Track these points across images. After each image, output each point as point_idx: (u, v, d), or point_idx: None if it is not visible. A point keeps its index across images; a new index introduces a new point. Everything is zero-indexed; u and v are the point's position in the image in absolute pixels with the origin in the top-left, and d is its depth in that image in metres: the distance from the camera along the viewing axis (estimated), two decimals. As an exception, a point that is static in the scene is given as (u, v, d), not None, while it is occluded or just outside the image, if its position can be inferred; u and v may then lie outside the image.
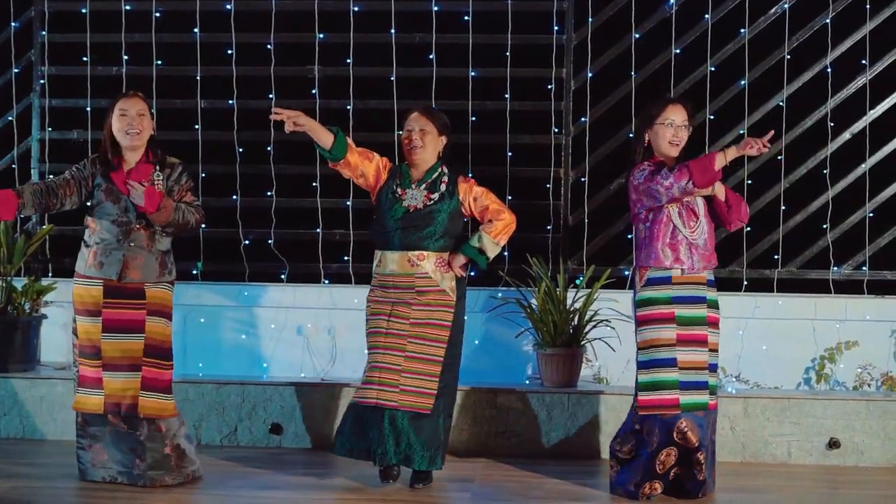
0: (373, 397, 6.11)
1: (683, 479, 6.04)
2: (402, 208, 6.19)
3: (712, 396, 6.02)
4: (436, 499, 6.04)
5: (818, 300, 7.63)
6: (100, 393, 6.11)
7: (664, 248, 6.01)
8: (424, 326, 6.17)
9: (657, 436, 5.98)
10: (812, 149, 7.76)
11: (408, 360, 6.14)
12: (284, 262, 7.93)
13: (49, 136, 8.16)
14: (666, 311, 6.00)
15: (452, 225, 6.23)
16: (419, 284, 6.18)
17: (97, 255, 6.12)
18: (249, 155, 8.05)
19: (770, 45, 7.77)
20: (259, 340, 7.85)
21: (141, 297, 6.12)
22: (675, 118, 6.03)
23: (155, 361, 6.13)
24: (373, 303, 6.26)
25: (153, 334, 6.13)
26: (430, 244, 6.18)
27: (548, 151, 7.84)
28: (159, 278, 6.16)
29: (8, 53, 8.20)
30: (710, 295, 6.06)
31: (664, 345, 5.98)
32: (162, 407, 6.14)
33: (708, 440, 6.02)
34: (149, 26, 8.06)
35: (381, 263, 6.25)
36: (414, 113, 6.30)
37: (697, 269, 6.01)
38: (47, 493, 6.02)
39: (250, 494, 6.06)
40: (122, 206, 6.09)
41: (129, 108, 6.10)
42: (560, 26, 7.84)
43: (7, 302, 7.53)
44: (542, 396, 7.15)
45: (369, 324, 6.24)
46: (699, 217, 6.04)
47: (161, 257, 6.18)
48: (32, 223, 8.09)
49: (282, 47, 8.01)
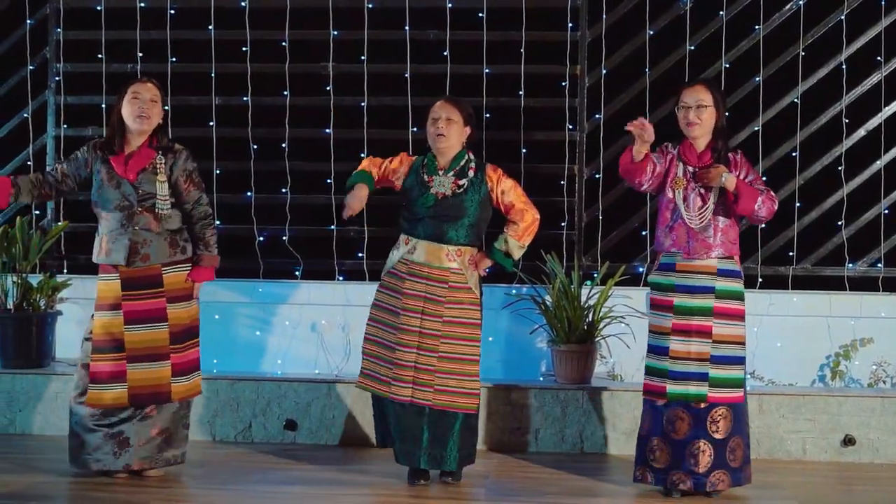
0: (408, 395, 6.12)
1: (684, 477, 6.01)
2: (431, 196, 6.18)
3: (717, 389, 5.97)
4: (450, 494, 6.04)
5: (833, 297, 7.62)
6: (122, 386, 6.12)
7: (665, 231, 6.08)
8: (458, 326, 6.17)
9: (648, 422, 6.08)
10: (827, 145, 7.74)
11: (442, 361, 6.14)
12: (299, 258, 7.94)
13: (64, 133, 8.18)
14: (666, 299, 6.06)
15: (482, 213, 6.24)
16: (452, 280, 6.18)
17: (106, 243, 6.14)
18: (264, 151, 8.05)
19: (785, 41, 7.74)
20: (273, 337, 7.86)
21: (158, 286, 6.14)
22: (686, 100, 6.03)
23: (181, 346, 6.18)
24: (404, 295, 6.20)
25: (177, 320, 6.17)
26: (461, 234, 6.18)
27: (562, 148, 7.84)
28: (172, 257, 6.16)
29: (23, 50, 8.22)
30: (720, 285, 6.02)
31: (660, 332, 6.07)
32: (192, 387, 6.23)
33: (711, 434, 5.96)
34: (163, 23, 8.07)
35: (414, 251, 6.22)
36: (439, 102, 6.29)
37: (694, 255, 5.99)
38: (63, 489, 6.04)
39: (265, 490, 6.07)
40: (122, 191, 6.09)
41: (142, 93, 6.10)
42: (574, 23, 7.83)
43: (23, 298, 7.55)
44: (557, 393, 7.15)
45: (400, 318, 6.19)
46: (706, 203, 6.02)
47: (170, 237, 6.17)
48: (48, 220, 8.11)
49: (296, 44, 8.01)
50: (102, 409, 6.14)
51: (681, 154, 6.10)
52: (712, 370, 5.98)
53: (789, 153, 7.73)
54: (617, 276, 7.40)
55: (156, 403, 6.13)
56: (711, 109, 6.03)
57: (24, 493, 5.87)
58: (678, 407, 6.00)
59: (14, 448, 6.96)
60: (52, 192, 6.24)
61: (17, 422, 7.38)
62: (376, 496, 6.02)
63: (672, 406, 6.01)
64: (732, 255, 6.09)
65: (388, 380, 6.18)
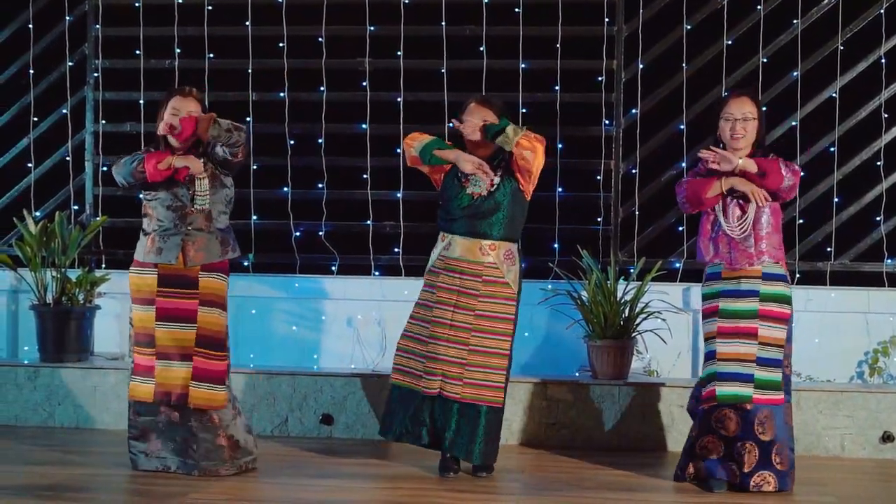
0: (436, 388, 6.15)
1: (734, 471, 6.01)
2: (466, 196, 6.19)
3: (761, 391, 5.96)
4: (486, 489, 6.03)
5: (871, 293, 7.56)
6: (151, 381, 6.16)
7: (707, 243, 6.12)
8: (489, 320, 6.18)
9: (696, 426, 6.11)
10: (866, 140, 7.69)
11: (471, 354, 6.15)
12: (335, 253, 7.96)
13: (103, 129, 8.23)
14: (712, 306, 6.10)
15: (516, 207, 6.21)
16: (486, 274, 6.18)
17: (155, 242, 6.16)
18: (300, 147, 8.08)
19: (823, 35, 7.70)
20: (309, 332, 7.89)
21: (194, 287, 6.15)
22: (733, 111, 6.03)
23: (207, 352, 6.16)
24: (438, 289, 6.23)
25: (205, 324, 6.16)
26: (496, 229, 6.18)
27: (598, 143, 7.82)
28: (222, 256, 6.20)
29: (62, 47, 8.29)
30: (765, 288, 6.01)
31: (709, 337, 6.11)
32: (211, 398, 6.16)
33: (757, 435, 5.95)
34: (201, 19, 8.11)
35: (450, 247, 6.24)
36: (472, 104, 6.26)
37: (737, 265, 6.02)
38: (102, 481, 6.07)
39: (301, 483, 6.09)
40: (174, 191, 6.13)
41: (180, 109, 6.11)
42: (611, 18, 7.81)
43: (61, 293, 7.61)
44: (593, 388, 7.13)
45: (433, 311, 6.22)
46: (746, 213, 6.01)
47: (221, 236, 6.21)
48: (86, 215, 8.17)
49: (333, 40, 8.03)
50: (136, 401, 6.20)
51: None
52: (758, 371, 5.98)
53: (827, 148, 7.68)
54: (653, 272, 7.38)
55: (176, 404, 6.15)
56: (755, 122, 6.04)
57: (62, 486, 5.91)
58: (725, 407, 5.99)
59: (53, 441, 7.00)
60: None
61: (56, 415, 7.43)
62: (411, 489, 6.01)
63: (721, 407, 5.99)
64: (778, 260, 6.08)
65: (419, 373, 6.21)
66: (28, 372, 7.47)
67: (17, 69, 8.36)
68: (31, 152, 8.31)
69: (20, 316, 8.07)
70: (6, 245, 8.19)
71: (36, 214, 8.09)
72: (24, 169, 8.33)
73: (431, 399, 6.19)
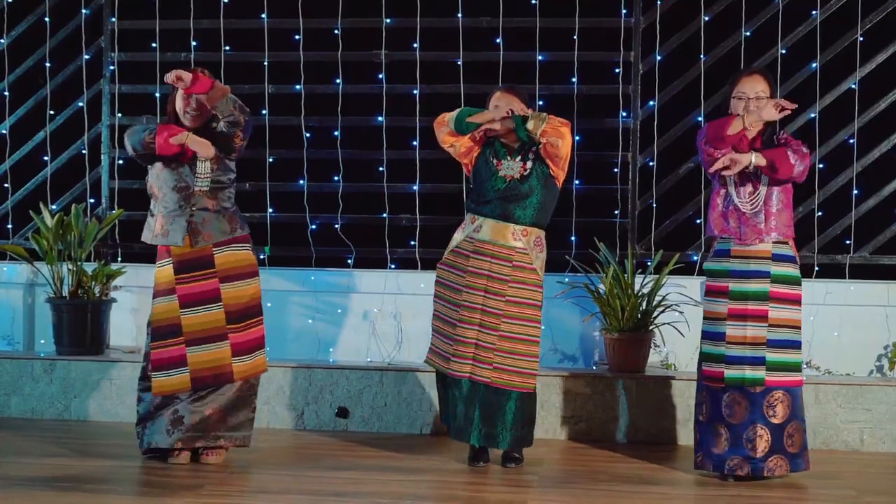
0: (467, 371, 6.16)
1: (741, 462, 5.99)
2: (500, 179, 6.18)
3: (775, 373, 5.96)
4: (503, 481, 6.02)
5: (891, 286, 7.50)
6: (184, 370, 6.16)
7: (718, 218, 6.08)
8: (519, 306, 6.17)
9: (706, 408, 6.09)
10: (885, 132, 7.62)
11: (502, 340, 6.15)
12: (351, 247, 7.94)
13: (119, 122, 8.23)
14: (721, 285, 6.06)
15: (548, 192, 6.20)
16: (517, 259, 6.17)
17: (162, 224, 6.18)
18: (316, 140, 8.06)
19: (842, 26, 7.63)
20: (325, 325, 7.87)
21: (210, 266, 6.17)
22: (746, 90, 6.01)
23: (242, 325, 6.21)
24: (467, 273, 6.20)
25: (232, 300, 6.19)
26: (528, 213, 6.17)
27: (616, 135, 7.78)
28: (232, 234, 6.20)
29: (78, 40, 8.27)
30: (776, 269, 6.00)
31: (715, 318, 6.06)
32: (255, 365, 6.26)
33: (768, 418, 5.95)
34: (217, 12, 8.09)
35: (480, 230, 6.21)
36: (497, 92, 6.28)
37: (746, 240, 5.98)
38: (120, 473, 6.07)
39: (318, 475, 6.08)
40: (178, 171, 6.14)
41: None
42: (628, 9, 7.77)
43: (77, 286, 7.61)
44: (610, 381, 7.10)
45: (462, 295, 6.20)
46: (758, 188, 5.97)
47: (228, 214, 6.23)
48: (102, 208, 8.17)
49: (348, 32, 8.01)
50: (166, 395, 6.20)
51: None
52: (769, 354, 5.97)
53: (846, 140, 7.63)
54: (671, 265, 7.34)
55: (218, 385, 6.16)
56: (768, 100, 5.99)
57: (80, 477, 5.92)
58: (735, 391, 6.00)
59: (70, 433, 7.01)
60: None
61: (72, 408, 7.43)
62: (429, 482, 6.00)
63: (729, 390, 6.01)
64: (787, 239, 6.04)
65: (447, 355, 6.21)
66: (44, 365, 7.47)
67: (34, 62, 8.36)
68: (48, 145, 8.31)
69: (36, 309, 8.07)
70: (23, 238, 8.19)
71: (52, 207, 8.10)
72: (41, 162, 8.32)
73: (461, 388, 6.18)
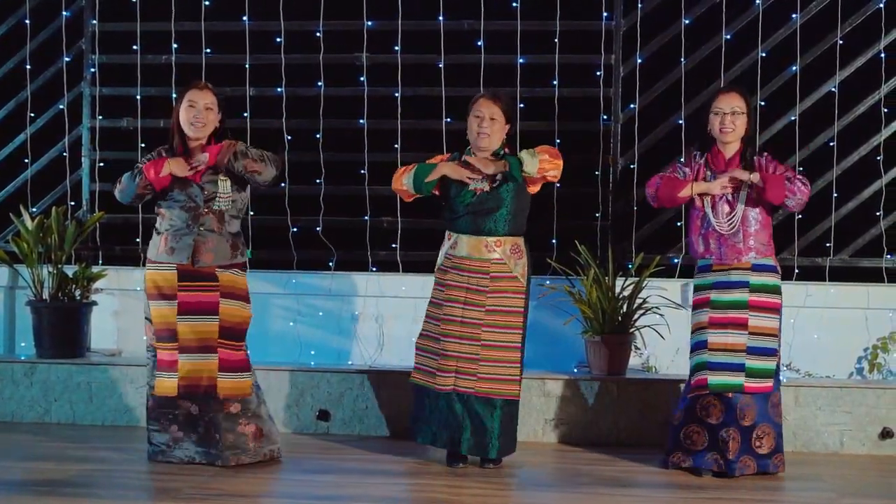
0: (450, 384, 6.18)
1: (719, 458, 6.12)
2: (469, 193, 6.21)
3: (753, 379, 6.09)
4: (484, 484, 6.01)
5: (871, 289, 7.54)
6: (174, 376, 6.18)
7: (697, 239, 6.25)
8: (498, 314, 6.20)
9: (681, 411, 6.23)
10: (865, 135, 7.66)
11: (484, 349, 6.18)
12: (333, 249, 7.94)
13: (99, 125, 8.21)
14: (703, 297, 6.22)
15: (519, 202, 6.23)
16: (493, 270, 6.21)
17: (168, 241, 6.21)
18: (298, 142, 8.06)
19: (822, 30, 7.67)
20: (306, 328, 7.87)
21: (213, 280, 6.21)
22: (722, 106, 6.12)
23: (230, 343, 6.23)
24: (447, 287, 6.25)
25: (228, 316, 6.22)
26: (501, 226, 6.20)
27: (596, 138, 7.80)
28: (232, 260, 6.24)
29: (59, 42, 8.26)
30: (755, 279, 6.12)
31: (698, 328, 6.22)
32: (239, 386, 6.25)
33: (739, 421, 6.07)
34: (198, 14, 8.08)
35: (456, 246, 6.26)
36: (481, 99, 6.28)
37: (726, 260, 6.14)
38: (100, 477, 6.05)
39: (299, 478, 6.07)
40: (189, 192, 6.17)
41: (197, 101, 6.19)
42: (609, 12, 7.79)
43: (58, 289, 7.59)
44: (591, 384, 7.11)
45: (443, 309, 6.24)
46: (734, 209, 6.07)
47: (232, 239, 6.26)
48: (83, 211, 8.15)
49: (330, 34, 8.00)
50: (158, 397, 6.23)
51: (708, 161, 6.23)
52: (749, 361, 6.10)
53: (826, 143, 7.66)
54: (651, 267, 7.35)
55: (203, 396, 6.17)
56: (745, 117, 6.13)
57: (59, 481, 5.90)
58: (710, 395, 6.13)
59: (50, 437, 6.99)
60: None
61: (52, 411, 7.41)
62: (410, 485, 6.01)
63: (706, 395, 6.12)
64: (767, 255, 6.16)
65: (433, 370, 6.23)
66: (24, 368, 7.44)
67: (14, 64, 8.33)
68: (28, 148, 8.29)
69: (17, 312, 8.05)
70: (3, 241, 8.17)
71: (32, 210, 8.08)
72: (21, 164, 8.30)
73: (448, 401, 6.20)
